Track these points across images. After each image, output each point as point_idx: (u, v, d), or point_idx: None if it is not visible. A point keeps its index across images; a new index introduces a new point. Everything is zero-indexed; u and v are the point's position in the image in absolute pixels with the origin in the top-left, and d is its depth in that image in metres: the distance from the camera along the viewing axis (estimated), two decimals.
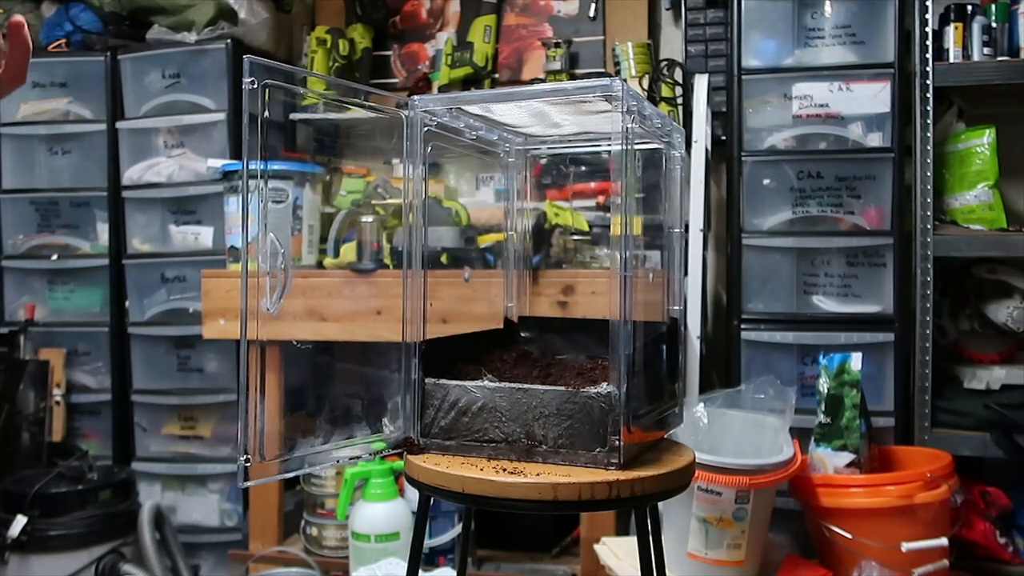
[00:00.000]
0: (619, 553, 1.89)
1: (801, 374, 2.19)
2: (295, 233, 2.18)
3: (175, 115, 2.56)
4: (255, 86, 0.98)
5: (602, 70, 2.60)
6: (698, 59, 2.47)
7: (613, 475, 1.01)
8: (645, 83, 2.47)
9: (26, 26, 0.90)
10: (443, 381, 1.12)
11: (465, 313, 1.77)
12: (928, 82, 2.05)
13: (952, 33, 2.10)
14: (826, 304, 2.19)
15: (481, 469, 1.04)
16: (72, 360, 2.65)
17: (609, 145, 1.04)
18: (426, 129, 1.20)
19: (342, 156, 2.70)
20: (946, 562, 1.74)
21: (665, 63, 2.50)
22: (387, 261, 2.10)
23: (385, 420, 1.18)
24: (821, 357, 1.95)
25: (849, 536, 1.76)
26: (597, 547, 1.95)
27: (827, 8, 2.19)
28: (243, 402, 0.98)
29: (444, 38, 2.70)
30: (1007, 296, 2.13)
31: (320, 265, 2.20)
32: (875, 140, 2.15)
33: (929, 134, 2.06)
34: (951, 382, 2.15)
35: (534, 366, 1.27)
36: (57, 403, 2.58)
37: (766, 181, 2.21)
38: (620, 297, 1.04)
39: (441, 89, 2.63)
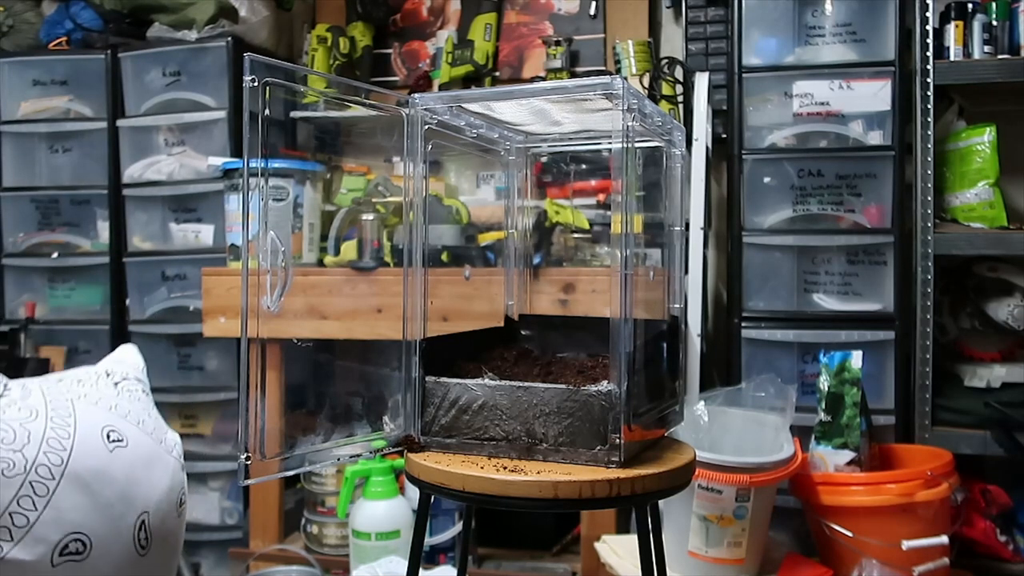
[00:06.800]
0: (619, 551, 1.89)
1: (802, 372, 2.19)
2: (296, 231, 2.18)
3: (176, 113, 2.56)
4: (256, 84, 0.98)
5: (603, 68, 2.60)
6: (699, 57, 2.47)
7: (614, 473, 1.01)
8: (646, 81, 2.47)
9: None
10: (444, 379, 1.13)
11: (466, 311, 1.77)
12: (929, 80, 2.05)
13: (953, 31, 2.10)
14: (827, 302, 2.19)
15: (482, 467, 1.04)
16: (73, 358, 2.64)
17: (610, 143, 1.04)
18: (427, 127, 1.20)
19: (343, 154, 2.70)
20: (946, 560, 1.74)
21: (666, 61, 2.50)
22: (388, 259, 2.10)
23: (386, 418, 1.18)
24: (822, 355, 1.95)
25: (850, 534, 1.76)
26: (598, 545, 1.95)
27: (828, 6, 2.18)
28: (244, 400, 0.98)
29: (445, 36, 2.70)
30: (1008, 294, 2.13)
31: (321, 263, 2.20)
32: (876, 138, 2.15)
33: (930, 132, 2.05)
34: (952, 380, 2.15)
35: (534, 364, 1.27)
36: None
37: (767, 179, 2.21)
38: (621, 295, 1.04)
39: (442, 87, 2.63)
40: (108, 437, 0.92)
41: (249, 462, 0.99)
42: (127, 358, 1.08)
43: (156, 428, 1.02)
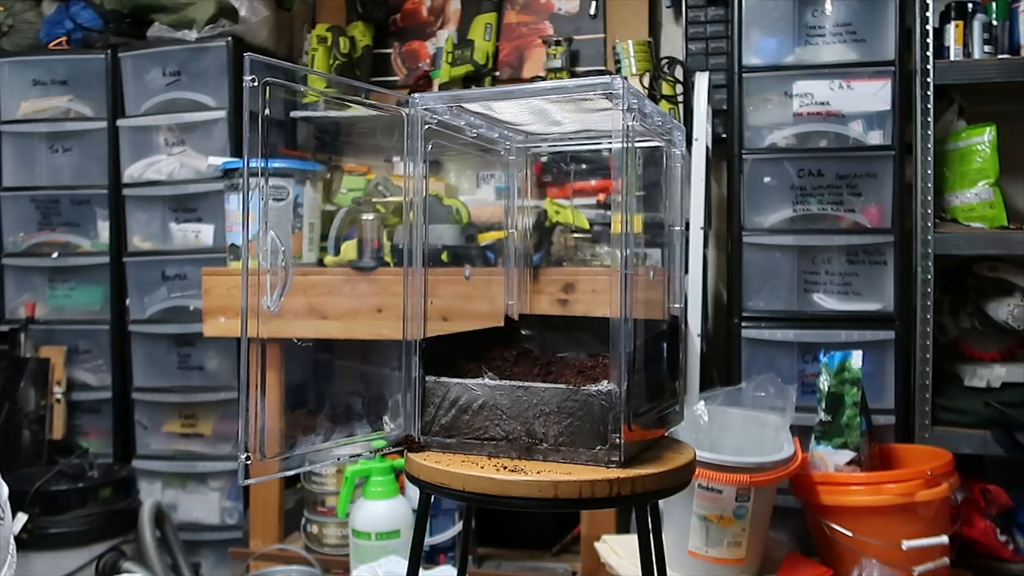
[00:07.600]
0: (620, 551, 1.89)
1: (802, 372, 2.19)
2: (296, 231, 2.18)
3: (176, 113, 2.56)
4: (256, 84, 0.98)
5: (603, 68, 2.60)
6: (699, 57, 2.47)
7: (614, 473, 1.01)
8: (646, 81, 2.47)
9: None
10: (444, 379, 1.12)
11: (466, 311, 1.77)
12: (929, 80, 2.05)
13: (953, 31, 2.10)
14: (827, 302, 2.19)
15: (482, 467, 1.04)
16: (73, 358, 2.65)
17: (610, 143, 1.04)
18: (427, 127, 1.20)
19: (343, 154, 2.70)
20: (946, 560, 1.74)
21: (666, 61, 2.50)
22: (388, 259, 2.10)
23: (386, 418, 1.18)
24: (822, 355, 1.95)
25: (850, 534, 1.76)
26: (598, 545, 1.95)
27: (828, 6, 2.19)
28: (244, 400, 0.98)
29: (445, 36, 2.70)
30: (1007, 294, 2.13)
31: (321, 263, 2.20)
32: (876, 138, 2.15)
33: (930, 132, 2.05)
34: (952, 380, 2.15)
35: (535, 364, 1.27)
36: (58, 401, 2.58)
37: (767, 179, 2.21)
38: (621, 295, 1.04)
39: (442, 87, 2.63)
40: None
41: (249, 462, 0.99)
42: None
43: None
